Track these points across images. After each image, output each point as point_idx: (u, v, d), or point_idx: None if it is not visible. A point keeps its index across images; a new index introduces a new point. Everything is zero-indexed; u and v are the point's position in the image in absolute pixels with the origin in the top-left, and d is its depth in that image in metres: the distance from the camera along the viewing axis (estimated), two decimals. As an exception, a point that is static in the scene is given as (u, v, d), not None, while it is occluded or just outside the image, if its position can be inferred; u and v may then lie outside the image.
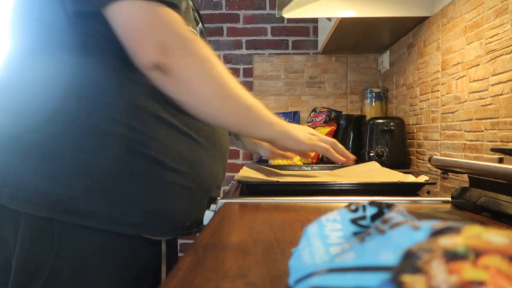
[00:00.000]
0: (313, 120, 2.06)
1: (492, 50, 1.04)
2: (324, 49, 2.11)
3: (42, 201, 0.57)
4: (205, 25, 0.69)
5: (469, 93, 1.16)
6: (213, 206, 0.72)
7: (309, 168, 1.50)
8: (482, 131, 1.08)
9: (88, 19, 0.58)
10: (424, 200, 0.78)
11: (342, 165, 1.46)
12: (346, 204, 0.34)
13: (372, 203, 0.32)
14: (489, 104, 1.05)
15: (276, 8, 1.54)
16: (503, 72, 0.99)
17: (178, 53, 0.58)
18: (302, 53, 2.24)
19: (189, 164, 0.66)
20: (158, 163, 0.62)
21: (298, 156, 1.21)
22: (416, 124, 1.60)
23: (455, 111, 1.25)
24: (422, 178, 0.90)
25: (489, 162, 0.58)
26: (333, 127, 1.88)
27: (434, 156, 0.71)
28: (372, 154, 1.55)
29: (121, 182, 0.60)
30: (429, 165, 1.44)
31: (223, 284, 0.34)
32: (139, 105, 0.61)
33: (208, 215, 0.70)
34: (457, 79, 1.24)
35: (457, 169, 0.65)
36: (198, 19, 0.81)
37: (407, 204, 0.74)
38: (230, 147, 0.90)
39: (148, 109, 0.61)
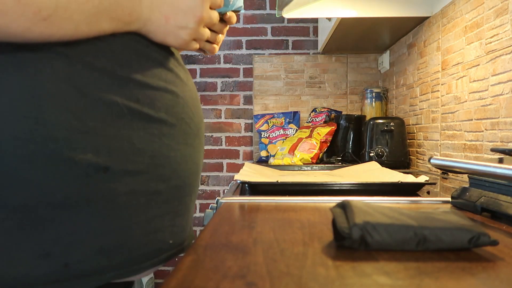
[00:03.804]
0: (313, 120, 2.07)
1: (492, 50, 1.04)
2: (324, 49, 2.11)
3: None
4: (205, 25, 0.66)
5: (469, 93, 1.16)
6: (213, 206, 0.72)
7: (309, 168, 1.50)
8: (482, 131, 1.08)
9: None
10: (424, 200, 0.78)
11: (342, 165, 1.46)
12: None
13: None
14: (489, 104, 1.05)
15: (276, 8, 1.54)
16: (503, 72, 0.99)
17: None
18: (302, 53, 2.24)
19: (148, 157, 0.47)
20: (97, 169, 0.43)
21: None
22: (416, 124, 1.60)
23: (455, 111, 1.25)
24: (422, 178, 0.90)
25: (489, 162, 0.58)
26: (333, 127, 1.88)
27: (434, 156, 0.71)
28: (372, 154, 1.55)
29: (46, 218, 0.41)
30: (429, 165, 1.44)
31: (223, 284, 0.34)
32: (40, 82, 0.41)
33: (208, 215, 0.70)
34: (457, 79, 1.24)
35: (457, 170, 0.65)
36: None
37: (407, 204, 0.74)
38: (231, 147, 0.82)
39: (58, 83, 0.42)
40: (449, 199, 0.71)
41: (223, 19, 0.61)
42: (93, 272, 0.43)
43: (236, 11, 0.63)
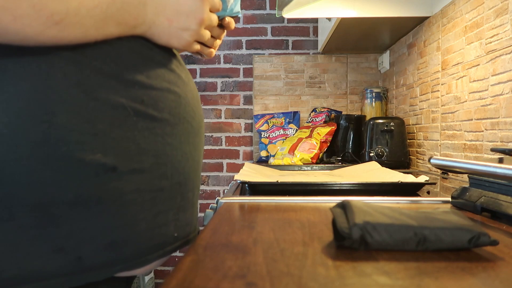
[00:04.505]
0: (313, 120, 2.07)
1: (492, 50, 1.04)
2: (324, 49, 2.11)
3: None
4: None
5: (469, 93, 1.16)
6: (213, 206, 0.72)
7: (309, 168, 1.50)
8: (482, 131, 1.08)
9: None
10: (424, 200, 0.78)
11: (342, 165, 1.46)
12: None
13: None
14: (489, 104, 1.05)
15: (276, 8, 1.54)
16: (503, 72, 0.99)
17: None
18: (302, 53, 2.24)
19: (152, 156, 0.50)
20: (106, 169, 0.45)
21: None
22: (416, 124, 1.60)
23: (455, 111, 1.25)
24: (422, 178, 0.90)
25: (489, 162, 0.58)
26: (333, 127, 1.88)
27: (434, 156, 0.71)
28: (372, 154, 1.55)
29: (60, 215, 0.44)
30: (429, 165, 1.44)
31: (223, 284, 0.34)
32: (51, 86, 0.44)
33: (208, 215, 0.70)
34: (457, 79, 1.24)
35: (457, 170, 0.65)
36: None
37: (407, 204, 0.74)
38: (231, 147, 0.83)
39: (68, 88, 0.44)
40: (449, 199, 0.71)
41: (221, 25, 0.63)
42: (104, 265, 0.46)
43: (233, 16, 0.64)
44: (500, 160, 0.61)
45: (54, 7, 0.41)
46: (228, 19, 0.63)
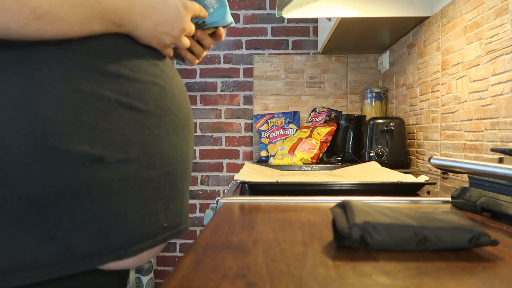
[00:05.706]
0: (313, 120, 2.07)
1: (492, 50, 1.04)
2: (324, 49, 2.11)
3: None
4: (205, 25, 0.69)
5: (469, 93, 1.16)
6: (213, 206, 0.72)
7: (309, 168, 1.50)
8: (482, 131, 1.08)
9: None
10: (424, 200, 0.78)
11: (342, 165, 1.46)
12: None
13: None
14: (489, 104, 1.05)
15: (276, 8, 1.54)
16: (503, 72, 0.99)
17: None
18: (302, 53, 2.24)
19: (139, 147, 0.50)
20: (93, 159, 0.46)
21: None
22: (416, 124, 1.60)
23: (455, 111, 1.25)
24: (422, 178, 0.90)
25: (489, 162, 0.58)
26: (333, 127, 1.88)
27: (434, 156, 0.71)
28: (372, 154, 1.55)
29: (48, 205, 0.44)
30: (429, 165, 1.44)
31: (223, 284, 0.34)
32: (36, 80, 0.45)
33: (208, 215, 0.70)
34: (457, 79, 1.24)
35: (457, 170, 0.65)
36: None
37: (407, 204, 0.74)
38: (231, 147, 0.83)
39: (53, 82, 0.45)
40: (449, 199, 0.71)
41: (212, 34, 0.67)
42: (94, 254, 0.47)
43: (225, 26, 0.67)
44: (500, 160, 0.61)
45: (36, 1, 0.42)
46: (222, 30, 0.67)
